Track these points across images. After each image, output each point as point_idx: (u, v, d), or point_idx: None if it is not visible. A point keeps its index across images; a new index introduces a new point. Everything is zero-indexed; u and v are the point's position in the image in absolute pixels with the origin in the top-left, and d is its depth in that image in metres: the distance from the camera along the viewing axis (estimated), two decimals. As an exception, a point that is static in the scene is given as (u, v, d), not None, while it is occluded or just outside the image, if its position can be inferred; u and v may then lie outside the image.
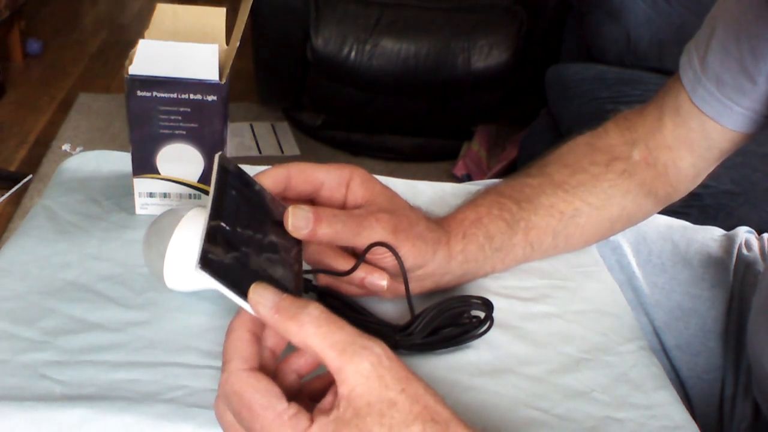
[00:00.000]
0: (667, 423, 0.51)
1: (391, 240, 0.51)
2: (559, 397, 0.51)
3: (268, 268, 0.44)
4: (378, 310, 0.56)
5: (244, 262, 0.43)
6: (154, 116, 0.59)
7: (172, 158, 0.61)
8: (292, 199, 0.52)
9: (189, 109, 0.59)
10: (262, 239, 0.45)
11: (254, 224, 0.46)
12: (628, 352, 0.56)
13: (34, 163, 2.13)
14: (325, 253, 0.52)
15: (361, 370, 0.38)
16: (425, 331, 0.52)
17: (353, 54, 2.05)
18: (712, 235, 0.78)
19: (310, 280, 0.54)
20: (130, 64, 0.57)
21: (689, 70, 0.63)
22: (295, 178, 0.51)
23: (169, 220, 0.52)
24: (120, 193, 0.66)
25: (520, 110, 2.22)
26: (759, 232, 0.79)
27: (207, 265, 0.40)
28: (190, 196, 0.63)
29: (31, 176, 2.05)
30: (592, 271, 0.65)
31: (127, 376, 0.49)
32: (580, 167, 0.64)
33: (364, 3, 2.09)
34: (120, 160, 0.70)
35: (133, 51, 0.57)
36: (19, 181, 2.02)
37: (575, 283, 0.63)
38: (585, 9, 1.86)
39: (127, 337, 0.52)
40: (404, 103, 2.17)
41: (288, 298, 0.40)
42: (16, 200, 1.97)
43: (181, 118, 0.59)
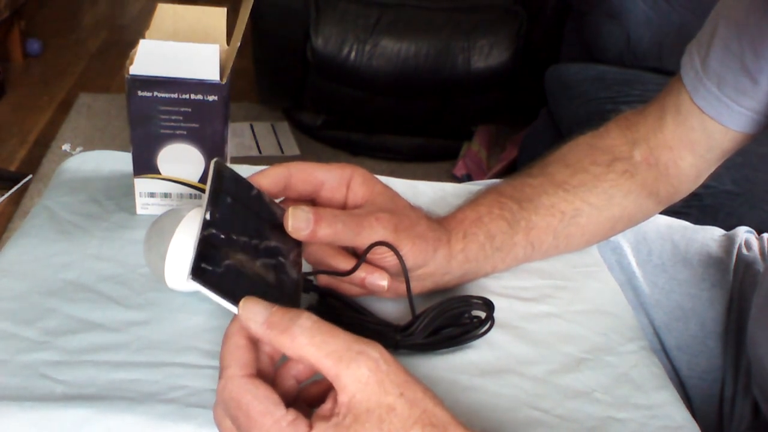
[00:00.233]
0: (668, 423, 0.51)
1: (391, 239, 0.51)
2: (560, 398, 0.51)
3: (265, 274, 0.44)
4: (378, 310, 0.56)
5: (238, 269, 0.42)
6: (155, 116, 0.59)
7: (173, 158, 0.61)
8: (293, 198, 0.52)
9: (190, 109, 0.59)
10: (259, 244, 0.45)
11: (251, 230, 0.45)
12: (629, 352, 0.56)
13: (34, 163, 2.13)
14: (326, 253, 0.52)
15: (359, 377, 0.38)
16: (426, 331, 0.52)
17: (353, 54, 2.05)
18: (712, 235, 0.78)
19: (310, 281, 0.54)
20: (131, 64, 0.57)
21: (690, 70, 0.63)
22: (296, 178, 0.51)
23: (170, 221, 0.52)
24: (121, 193, 0.66)
25: (520, 110, 2.22)
26: (759, 232, 0.79)
27: (199, 275, 0.40)
28: (190, 196, 0.63)
29: (31, 176, 2.05)
30: (593, 271, 0.65)
31: (128, 376, 0.49)
32: (581, 167, 0.63)
33: (364, 3, 2.09)
34: (120, 160, 0.70)
35: (133, 51, 0.57)
36: (19, 181, 2.02)
37: (576, 283, 0.63)
38: (585, 9, 1.86)
39: (128, 337, 0.52)
40: (404, 103, 2.17)
41: (279, 311, 0.40)
42: (16, 200, 1.97)
43: (181, 118, 0.59)
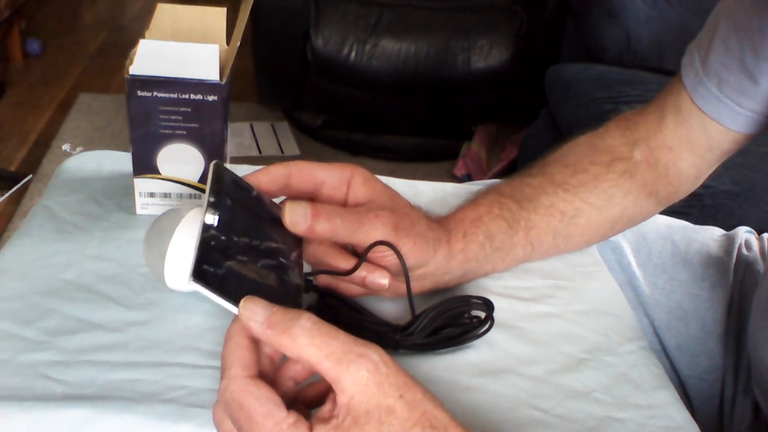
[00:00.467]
0: (668, 423, 0.51)
1: (391, 237, 0.51)
2: (560, 398, 0.51)
3: (266, 275, 0.44)
4: (378, 310, 0.56)
5: (239, 271, 0.42)
6: (155, 116, 0.59)
7: (173, 158, 0.61)
8: (293, 198, 0.52)
9: (189, 109, 0.59)
10: (260, 245, 0.45)
11: (251, 231, 0.45)
12: (629, 352, 0.56)
13: (34, 163, 2.13)
14: (326, 253, 0.52)
15: (359, 379, 0.38)
16: (426, 331, 0.52)
17: (353, 54, 2.05)
18: (712, 235, 0.78)
19: (310, 280, 0.54)
20: (131, 64, 0.57)
21: (691, 70, 0.63)
22: (296, 177, 0.51)
23: (169, 220, 0.52)
24: (120, 193, 0.66)
25: (520, 110, 2.22)
26: (759, 232, 0.79)
27: (200, 276, 0.40)
28: (190, 196, 0.63)
29: (31, 176, 2.05)
30: (593, 271, 0.65)
31: (128, 376, 0.49)
32: (581, 167, 0.63)
33: (364, 3, 2.09)
34: (120, 160, 0.70)
35: (133, 51, 0.57)
36: (19, 181, 2.02)
37: (576, 284, 0.63)
38: (585, 9, 1.86)
39: (128, 337, 0.52)
40: (404, 103, 2.17)
41: (279, 311, 0.40)
42: (16, 200, 1.97)
43: (181, 118, 0.59)
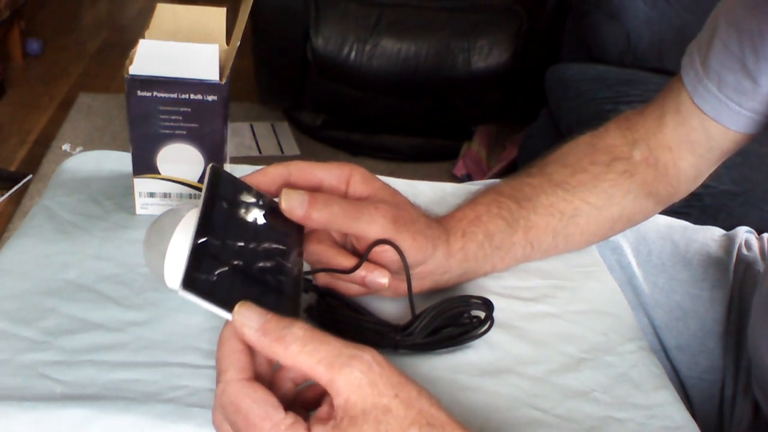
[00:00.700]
0: (668, 423, 0.51)
1: (390, 230, 0.50)
2: (560, 397, 0.51)
3: (263, 277, 0.44)
4: (378, 310, 0.56)
5: (234, 276, 0.42)
6: (155, 116, 0.59)
7: (173, 158, 0.61)
8: None
9: (189, 109, 0.59)
10: (257, 247, 0.45)
11: (248, 234, 0.45)
12: (629, 352, 0.56)
13: (34, 163, 2.13)
14: (326, 252, 0.52)
15: (352, 380, 0.38)
16: (425, 331, 0.52)
17: (353, 54, 2.05)
18: (712, 235, 0.78)
19: (310, 280, 0.54)
20: (131, 64, 0.57)
21: (691, 70, 0.63)
22: (295, 177, 0.51)
23: (169, 220, 0.52)
24: (120, 193, 0.66)
25: (520, 110, 2.22)
26: (759, 232, 0.79)
27: (190, 285, 0.40)
28: (190, 196, 0.63)
29: (31, 176, 2.05)
30: (593, 271, 0.65)
31: (128, 376, 0.49)
32: (581, 167, 0.63)
33: (364, 3, 2.09)
34: (120, 160, 0.70)
35: (133, 51, 0.57)
36: (19, 181, 2.02)
37: (575, 283, 0.63)
38: (585, 9, 1.86)
39: (128, 337, 0.52)
40: (404, 103, 2.17)
41: (273, 319, 0.40)
42: (16, 200, 1.97)
43: (181, 118, 0.59)
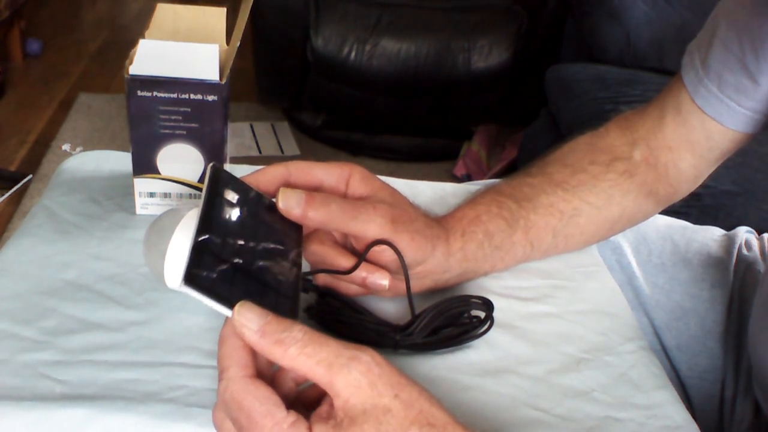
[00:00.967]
0: (668, 423, 0.51)
1: (389, 230, 0.50)
2: (560, 397, 0.51)
3: (263, 277, 0.44)
4: (378, 310, 0.56)
5: (234, 273, 0.42)
6: (155, 116, 0.59)
7: (173, 158, 0.61)
8: None
9: (189, 109, 0.59)
10: (256, 246, 0.45)
11: (248, 233, 0.45)
12: (628, 352, 0.56)
13: (34, 163, 2.13)
14: (326, 252, 0.52)
15: (351, 381, 0.38)
16: (425, 331, 0.52)
17: (353, 54, 2.05)
18: (712, 235, 0.78)
19: (309, 280, 0.54)
20: (131, 64, 0.57)
21: (691, 69, 0.63)
22: (294, 177, 0.51)
23: (169, 220, 0.52)
24: (120, 193, 0.66)
25: (520, 110, 2.22)
26: (759, 232, 0.79)
27: (191, 281, 0.40)
28: (190, 196, 0.63)
29: (31, 176, 2.05)
30: (593, 271, 0.65)
31: (127, 375, 0.49)
32: (581, 167, 0.63)
33: (364, 3, 2.09)
34: (120, 160, 0.70)
35: (133, 51, 0.57)
36: (19, 181, 2.02)
37: (575, 283, 0.63)
38: (585, 9, 1.86)
39: (127, 337, 0.52)
40: (404, 103, 2.17)
41: (273, 320, 0.40)
42: (16, 200, 1.97)
43: (181, 118, 0.59)
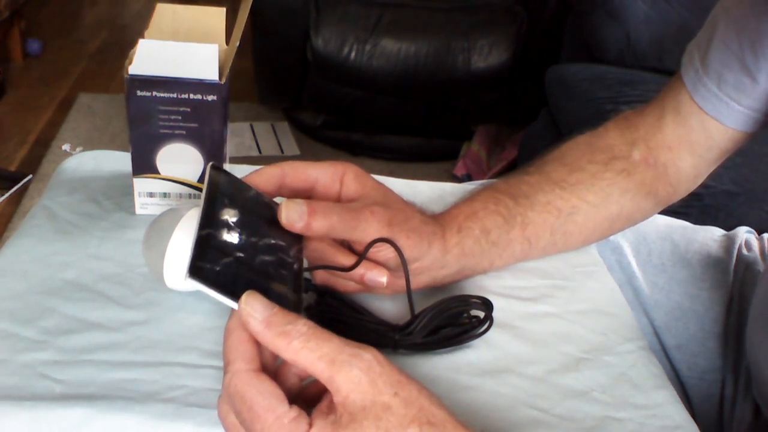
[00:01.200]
0: (667, 423, 0.51)
1: (386, 233, 0.51)
2: (559, 397, 0.51)
3: (265, 270, 0.44)
4: (377, 310, 0.56)
5: (237, 267, 0.43)
6: (154, 116, 0.59)
7: (172, 158, 0.61)
8: (288, 197, 0.52)
9: (189, 109, 0.59)
10: (257, 242, 0.45)
11: (249, 229, 0.46)
12: (628, 352, 0.56)
13: (34, 163, 2.13)
14: (326, 250, 0.52)
15: (352, 378, 0.38)
16: (425, 331, 0.52)
17: (353, 54, 2.05)
18: (712, 235, 0.78)
19: (309, 280, 0.54)
20: (130, 64, 0.57)
21: (691, 68, 0.63)
22: (290, 177, 0.51)
23: (169, 220, 0.52)
24: (120, 193, 0.66)
25: (520, 110, 2.22)
26: (759, 232, 0.79)
27: (196, 273, 0.40)
28: (190, 196, 0.63)
29: (31, 176, 2.05)
30: (592, 271, 0.65)
31: (127, 375, 0.49)
32: (579, 166, 0.64)
33: (364, 3, 2.09)
34: (120, 160, 0.70)
35: (133, 51, 0.57)
36: (19, 181, 2.02)
37: (575, 283, 0.63)
38: (585, 9, 1.86)
39: (127, 337, 0.52)
40: (404, 103, 2.17)
41: (279, 312, 0.40)
42: (16, 200, 1.97)
43: (181, 118, 0.59)
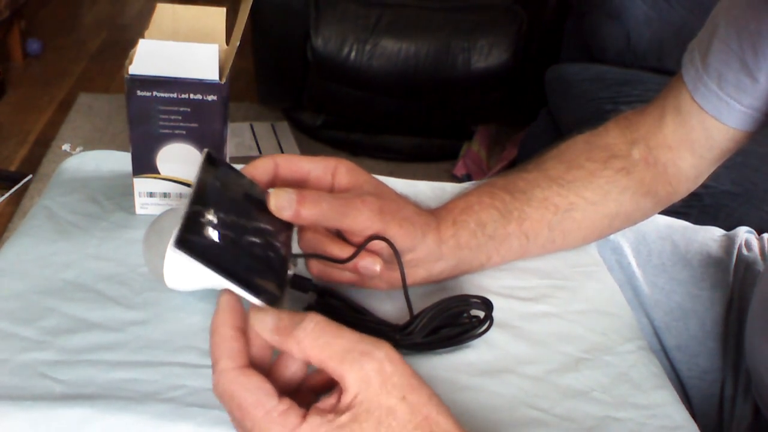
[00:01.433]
0: (667, 423, 0.51)
1: (377, 222, 0.51)
2: (559, 397, 0.51)
3: (252, 249, 0.45)
4: (377, 310, 0.56)
5: (225, 243, 0.43)
6: (154, 116, 0.59)
7: (172, 158, 0.61)
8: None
9: (189, 109, 0.59)
10: (247, 224, 0.46)
11: (239, 211, 0.46)
12: (628, 352, 0.56)
13: (34, 163, 2.13)
14: (321, 241, 0.52)
15: (362, 377, 0.38)
16: (425, 331, 0.52)
17: (353, 54, 2.05)
18: (712, 235, 0.78)
19: (309, 280, 0.54)
20: (130, 64, 0.57)
21: (691, 68, 0.63)
22: (282, 168, 0.52)
23: (169, 220, 0.52)
24: (120, 193, 0.66)
25: (520, 110, 2.22)
26: (759, 232, 0.79)
27: (183, 245, 0.41)
28: (190, 196, 0.63)
29: (31, 176, 2.05)
30: (592, 271, 0.65)
31: (127, 375, 0.49)
32: (577, 163, 0.64)
33: (364, 3, 2.09)
34: (120, 160, 0.70)
35: (133, 51, 0.57)
36: (19, 181, 2.02)
37: (575, 283, 0.63)
38: (585, 9, 1.86)
39: (127, 337, 0.52)
40: (404, 103, 2.17)
41: (286, 316, 0.40)
42: (16, 200, 1.97)
43: (181, 118, 0.59)
